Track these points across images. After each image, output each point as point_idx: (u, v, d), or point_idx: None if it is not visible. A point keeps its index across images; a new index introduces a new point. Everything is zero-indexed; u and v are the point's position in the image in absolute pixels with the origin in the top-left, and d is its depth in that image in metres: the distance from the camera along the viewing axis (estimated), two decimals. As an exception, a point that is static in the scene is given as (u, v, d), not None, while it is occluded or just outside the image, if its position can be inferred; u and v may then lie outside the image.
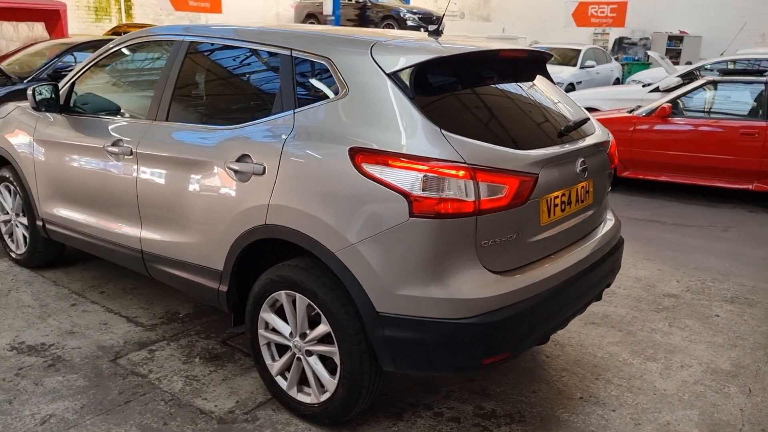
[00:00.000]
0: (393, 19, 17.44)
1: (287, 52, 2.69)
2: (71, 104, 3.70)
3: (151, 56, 3.48)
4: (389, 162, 2.27)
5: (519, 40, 23.92)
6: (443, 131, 2.29)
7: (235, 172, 2.68)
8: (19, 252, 4.33)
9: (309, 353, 2.62)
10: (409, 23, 17.33)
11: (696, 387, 3.04)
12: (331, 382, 2.55)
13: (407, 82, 2.38)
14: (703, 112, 6.84)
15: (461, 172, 2.21)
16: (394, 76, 2.40)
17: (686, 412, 2.83)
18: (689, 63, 14.63)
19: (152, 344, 3.36)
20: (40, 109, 3.68)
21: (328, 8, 17.45)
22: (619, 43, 21.72)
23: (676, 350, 3.41)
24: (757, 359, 3.33)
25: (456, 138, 2.29)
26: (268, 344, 2.79)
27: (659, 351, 3.39)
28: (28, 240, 4.19)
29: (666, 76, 11.42)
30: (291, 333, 2.66)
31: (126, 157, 3.20)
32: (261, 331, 2.77)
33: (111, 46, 3.54)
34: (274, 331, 2.74)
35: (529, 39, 23.36)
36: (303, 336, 2.61)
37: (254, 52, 2.87)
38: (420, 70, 2.41)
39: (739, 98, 6.81)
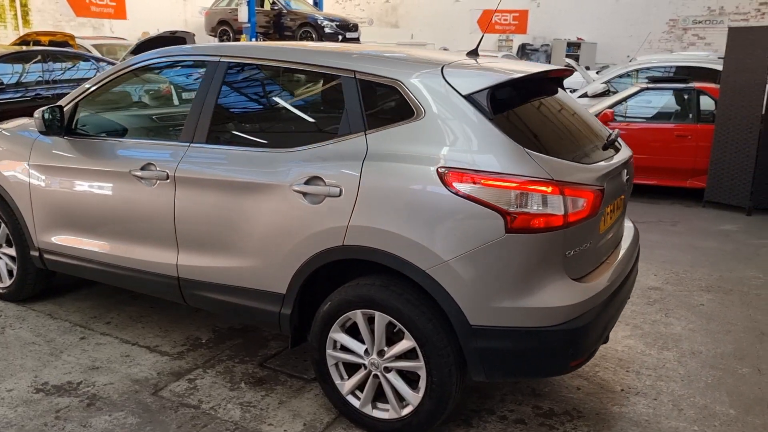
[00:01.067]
0: (310, 27, 17.39)
1: (350, 75, 2.72)
2: (76, 127, 3.49)
3: (177, 77, 3.37)
4: (481, 181, 2.37)
5: (428, 46, 24.65)
6: (526, 149, 2.42)
7: (304, 194, 2.67)
8: (2, 285, 4.01)
9: (387, 369, 2.66)
10: (327, 30, 17.35)
11: (713, 371, 3.36)
12: (414, 396, 2.61)
13: (485, 104, 2.50)
14: (640, 117, 7.43)
15: (550, 188, 2.35)
16: (471, 98, 2.51)
17: (715, 394, 3.13)
18: (605, 67, 15.62)
19: (188, 373, 3.25)
20: (50, 133, 3.44)
21: (243, 15, 17.11)
22: (522, 49, 22.88)
23: (682, 339, 3.74)
24: (753, 341, 3.72)
25: (537, 155, 2.43)
26: (336, 364, 2.80)
27: (669, 341, 3.71)
28: (15, 272, 3.90)
29: (584, 83, 12.24)
30: (366, 351, 2.69)
31: (160, 181, 3.08)
32: (330, 352, 2.78)
33: (122, 67, 3.38)
34: (344, 350, 2.76)
35: (438, 45, 24.11)
36: (380, 353, 2.65)
37: (310, 74, 2.87)
38: (494, 92, 2.54)
39: (671, 103, 7.46)
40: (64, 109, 3.45)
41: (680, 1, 20.68)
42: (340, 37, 17.61)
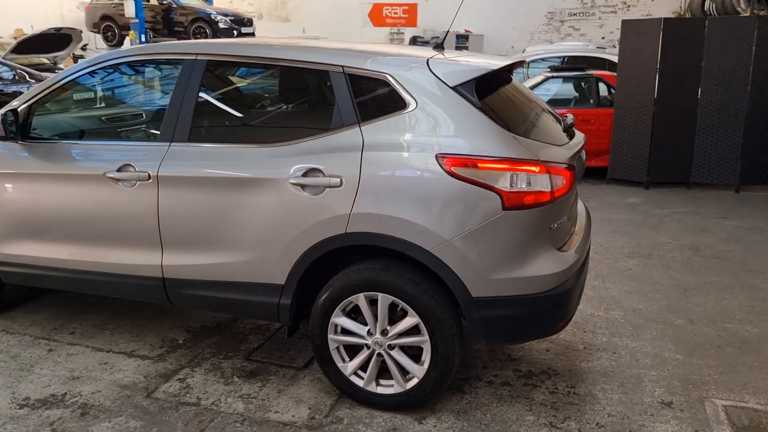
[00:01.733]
0: (204, 22, 16.91)
1: (339, 70, 2.84)
2: (29, 131, 3.33)
3: (147, 76, 3.30)
4: (478, 164, 2.59)
5: (321, 39, 24.70)
6: (512, 134, 2.67)
7: (303, 186, 2.76)
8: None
9: (390, 347, 2.83)
10: (222, 26, 16.96)
11: (655, 325, 3.81)
12: (419, 369, 2.79)
13: (471, 94, 2.72)
14: (547, 103, 7.99)
15: (538, 168, 2.61)
16: (458, 89, 2.72)
17: (662, 343, 3.57)
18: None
19: (175, 374, 3.23)
20: (5, 139, 3.25)
21: (130, 10, 16.31)
22: (414, 41, 23.49)
23: (621, 300, 4.19)
24: (680, 296, 4.24)
25: (522, 139, 2.69)
26: (338, 348, 2.93)
27: (611, 302, 4.14)
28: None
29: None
30: (369, 332, 2.84)
31: (141, 182, 3.03)
32: (331, 336, 2.89)
33: (84, 66, 3.27)
34: (346, 333, 2.89)
35: (331, 39, 24.25)
36: (383, 333, 2.81)
37: (296, 70, 2.95)
38: (478, 83, 2.76)
39: (572, 90, 8.10)
40: (18, 111, 3.28)
41: (557, -6, 22.13)
42: (235, 32, 17.27)
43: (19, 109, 3.27)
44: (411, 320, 2.75)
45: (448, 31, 4.02)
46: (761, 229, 5.85)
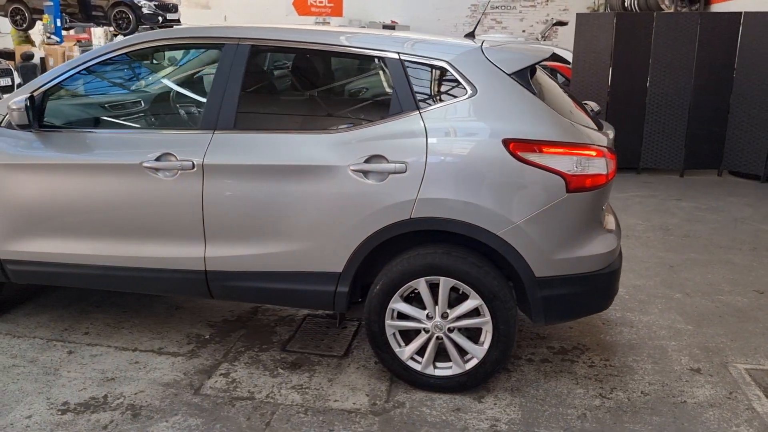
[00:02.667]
0: (126, 6, 16.04)
1: (395, 56, 2.84)
2: (43, 118, 3.10)
3: (180, 60, 3.14)
4: (543, 149, 2.68)
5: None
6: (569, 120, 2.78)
7: (365, 173, 2.75)
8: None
9: (450, 330, 2.88)
10: (145, 11, 16.17)
11: (658, 299, 4.07)
12: (479, 350, 2.86)
13: (527, 81, 2.80)
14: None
15: (595, 152, 2.74)
16: (515, 76, 2.80)
17: (671, 316, 3.83)
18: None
19: (215, 369, 3.13)
20: (24, 128, 3.00)
21: (43, -8, 15.24)
22: (340, 31, 23.40)
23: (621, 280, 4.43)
24: (669, 273, 4.54)
25: (576, 125, 2.81)
26: (394, 333, 2.94)
27: (610, 280, 4.38)
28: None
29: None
30: (428, 315, 2.88)
31: (183, 172, 2.90)
32: (389, 322, 2.91)
33: (111, 48, 3.07)
34: (402, 318, 2.91)
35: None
36: (443, 316, 2.86)
37: (349, 56, 2.92)
38: (530, 70, 2.85)
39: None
40: (34, 97, 3.04)
41: (480, -13, 22.70)
42: (160, 18, 16.53)
43: (35, 95, 3.04)
44: (473, 302, 2.81)
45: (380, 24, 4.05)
46: (716, 209, 6.34)
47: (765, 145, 7.31)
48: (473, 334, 2.90)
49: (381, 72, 2.87)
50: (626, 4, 14.50)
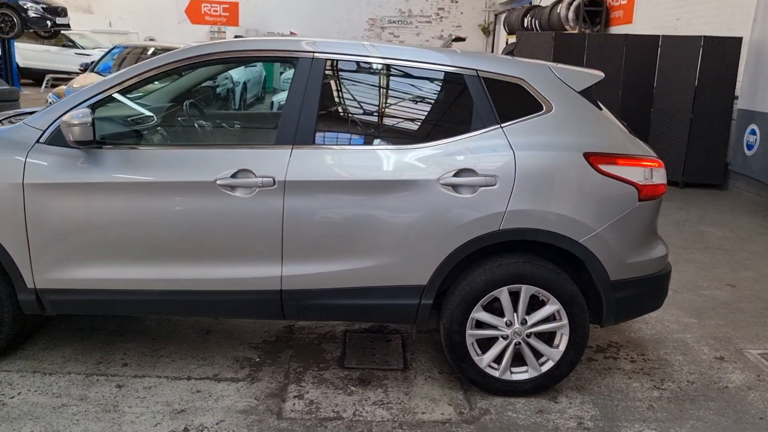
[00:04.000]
0: (11, 9, 14.66)
1: (473, 73, 2.93)
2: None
3: (247, 73, 3.00)
4: (617, 161, 2.89)
5: (131, 35, 22.81)
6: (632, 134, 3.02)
7: (455, 186, 2.82)
8: (-54, 349, 3.01)
9: (527, 335, 3.00)
10: (32, 14, 14.88)
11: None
12: (555, 352, 3.00)
13: (593, 99, 3.01)
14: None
15: (657, 164, 3.00)
16: (584, 94, 3.00)
17: (673, 311, 4.20)
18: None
19: (284, 392, 3.03)
20: (88, 144, 2.73)
21: None
22: (236, 41, 22.86)
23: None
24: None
25: (637, 139, 3.05)
26: (473, 342, 3.02)
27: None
28: (-23, 327, 2.98)
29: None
30: (507, 323, 2.98)
31: (262, 189, 2.80)
32: (469, 331, 2.98)
33: (170, 60, 2.89)
34: (481, 327, 2.99)
35: (142, 35, 22.52)
36: (523, 322, 2.98)
37: (425, 72, 2.96)
38: (593, 88, 3.06)
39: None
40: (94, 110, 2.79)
41: (377, 2, 23.15)
42: (48, 22, 15.27)
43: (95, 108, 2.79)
44: (551, 308, 2.96)
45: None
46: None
47: (681, 154, 8.15)
48: (546, 338, 3.04)
49: (460, 88, 2.95)
50: (526, 24, 15.47)
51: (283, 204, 2.82)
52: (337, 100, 2.98)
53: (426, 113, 3.04)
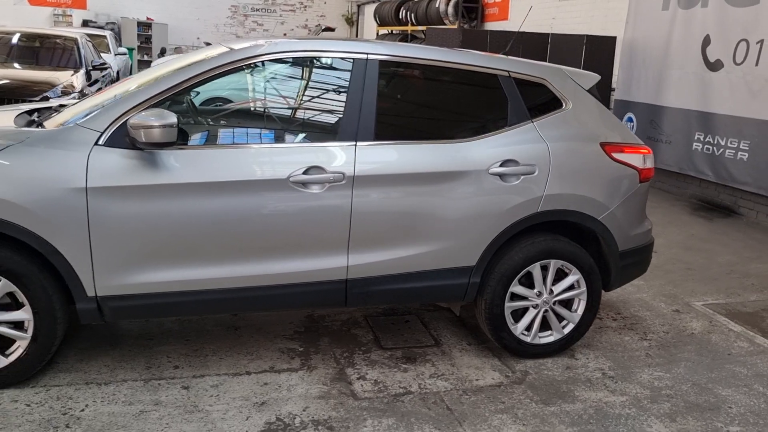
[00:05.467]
0: None
1: (506, 74, 3.28)
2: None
3: (305, 72, 3.06)
4: (624, 150, 3.41)
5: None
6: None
7: (501, 175, 3.16)
8: (-9, 368, 2.80)
9: (554, 303, 3.45)
10: None
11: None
12: (576, 316, 3.48)
13: (597, 95, 3.51)
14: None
15: (647, 151, 3.57)
16: (591, 92, 3.48)
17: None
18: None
19: (344, 375, 3.21)
20: (164, 146, 2.66)
21: None
22: (85, 25, 21.10)
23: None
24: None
25: (629, 130, 3.61)
26: (510, 313, 3.40)
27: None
28: (26, 341, 2.80)
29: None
30: (538, 293, 3.40)
31: (332, 184, 2.94)
32: (507, 303, 3.36)
33: (227, 60, 2.89)
34: (517, 299, 3.39)
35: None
36: (551, 292, 3.42)
37: (465, 72, 3.24)
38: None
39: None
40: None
41: (239, -11, 22.57)
42: None
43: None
44: (573, 277, 3.43)
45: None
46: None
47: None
48: (566, 305, 3.51)
49: (497, 87, 3.28)
50: (401, 17, 16.06)
51: (351, 197, 2.99)
52: (391, 98, 3.17)
53: (469, 110, 3.33)
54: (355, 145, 3.02)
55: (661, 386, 3.29)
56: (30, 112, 3.46)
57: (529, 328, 3.44)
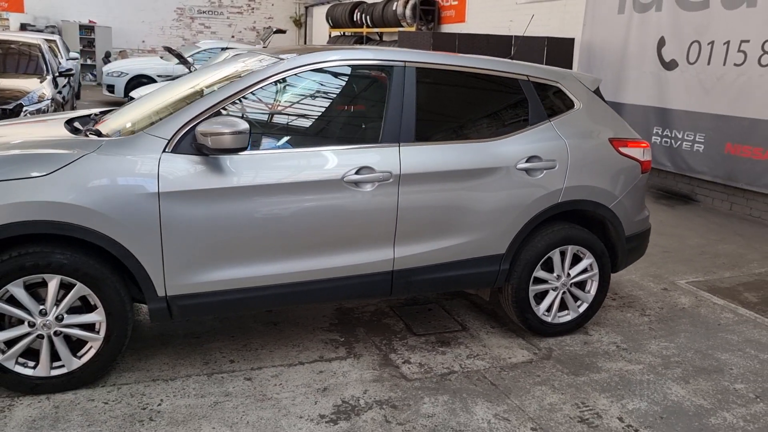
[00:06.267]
0: None
1: (525, 78, 3.60)
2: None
3: (347, 81, 3.27)
4: (628, 144, 3.79)
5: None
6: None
7: (527, 170, 3.48)
8: (64, 370, 2.89)
9: (571, 285, 3.79)
10: None
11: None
12: (589, 296, 3.84)
13: (601, 96, 3.88)
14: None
15: (646, 145, 3.96)
16: (596, 93, 3.84)
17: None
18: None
19: (389, 360, 3.46)
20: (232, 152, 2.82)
21: None
22: (24, 29, 20.33)
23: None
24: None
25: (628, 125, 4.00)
26: (533, 296, 3.72)
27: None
28: (97, 342, 2.91)
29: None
30: (557, 276, 3.74)
31: (381, 183, 3.17)
32: (531, 287, 3.68)
33: (281, 69, 3.08)
34: (539, 282, 3.71)
35: None
36: (568, 275, 3.76)
37: (488, 77, 3.53)
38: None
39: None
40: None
41: (185, -9, 22.22)
42: None
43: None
44: (587, 261, 3.79)
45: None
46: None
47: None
48: (580, 286, 3.86)
49: (519, 90, 3.59)
50: (355, 19, 16.29)
51: (397, 194, 3.24)
52: (427, 101, 3.42)
53: (496, 111, 3.62)
54: (399, 146, 3.27)
55: (669, 354, 3.69)
56: (70, 122, 3.53)
57: (549, 309, 3.77)
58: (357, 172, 3.15)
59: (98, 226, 2.77)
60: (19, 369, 2.86)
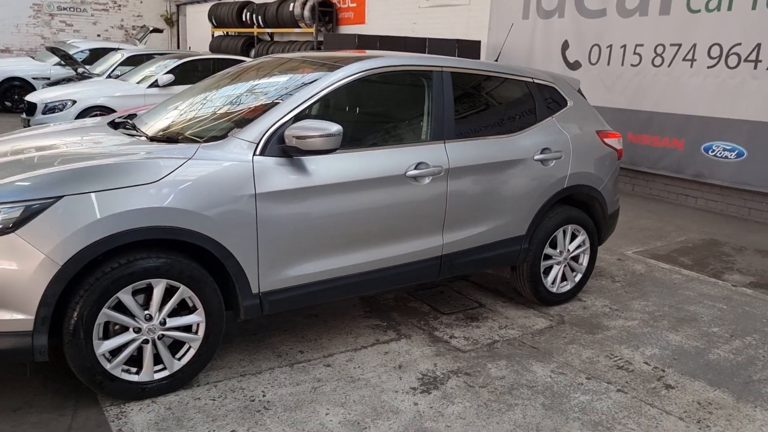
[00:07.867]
0: None
1: (531, 80, 4.11)
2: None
3: (398, 85, 3.53)
4: (609, 135, 4.45)
5: None
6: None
7: (542, 161, 4.00)
8: (165, 373, 2.93)
9: (570, 259, 4.39)
10: None
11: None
12: (582, 267, 4.47)
13: (582, 94, 4.51)
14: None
15: (619, 135, 4.65)
16: (579, 92, 4.46)
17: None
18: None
19: (436, 338, 3.82)
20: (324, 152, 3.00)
21: None
22: None
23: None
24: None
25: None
26: (544, 270, 4.26)
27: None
28: (209, 334, 2.99)
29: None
30: (560, 252, 4.31)
31: (434, 176, 3.52)
32: (542, 263, 4.22)
33: (342, 76, 3.31)
34: (546, 258, 4.26)
35: None
36: (568, 251, 4.35)
37: (506, 80, 3.99)
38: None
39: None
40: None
41: (42, -14, 20.48)
42: None
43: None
44: (582, 237, 4.41)
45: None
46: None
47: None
48: (575, 259, 4.47)
49: (528, 91, 4.09)
50: (244, 19, 16.11)
51: (446, 186, 3.61)
52: (462, 102, 3.81)
53: (513, 109, 4.09)
54: (444, 142, 3.64)
55: (652, 310, 4.41)
56: (112, 124, 3.51)
57: (553, 281, 4.34)
58: (416, 167, 3.48)
59: (204, 229, 2.87)
60: (125, 376, 2.87)
